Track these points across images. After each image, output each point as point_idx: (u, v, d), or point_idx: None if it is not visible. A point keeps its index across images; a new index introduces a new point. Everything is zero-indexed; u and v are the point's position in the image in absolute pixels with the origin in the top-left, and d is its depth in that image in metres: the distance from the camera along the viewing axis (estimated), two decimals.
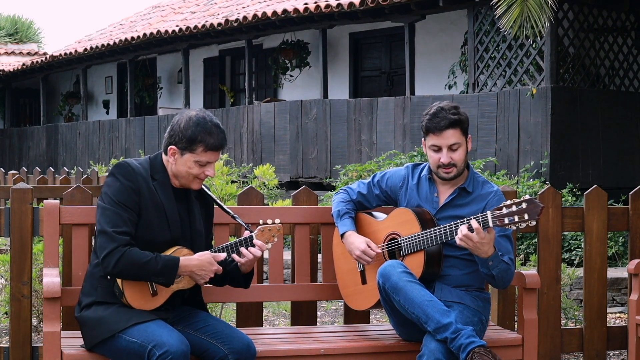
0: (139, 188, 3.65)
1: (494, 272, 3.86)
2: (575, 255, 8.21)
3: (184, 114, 3.73)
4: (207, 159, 3.69)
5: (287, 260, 7.00)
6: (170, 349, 3.46)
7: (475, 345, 3.66)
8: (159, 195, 3.68)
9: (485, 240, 3.75)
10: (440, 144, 4.00)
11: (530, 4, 7.22)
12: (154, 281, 3.61)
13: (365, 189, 4.27)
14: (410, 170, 4.21)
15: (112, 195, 3.63)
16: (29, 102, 22.94)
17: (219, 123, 3.73)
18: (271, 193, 10.56)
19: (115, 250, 3.56)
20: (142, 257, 3.57)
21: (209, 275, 3.67)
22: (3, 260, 5.83)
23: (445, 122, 3.97)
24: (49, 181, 10.47)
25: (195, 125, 3.66)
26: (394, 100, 11.78)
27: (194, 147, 3.66)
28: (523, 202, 3.70)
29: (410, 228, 4.01)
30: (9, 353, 4.37)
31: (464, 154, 4.03)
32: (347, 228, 4.17)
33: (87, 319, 3.65)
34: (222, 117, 14.54)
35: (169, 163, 3.73)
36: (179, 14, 18.12)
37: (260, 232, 3.78)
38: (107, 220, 3.60)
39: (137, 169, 3.69)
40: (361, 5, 11.57)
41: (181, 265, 3.62)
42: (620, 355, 5.75)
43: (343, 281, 4.32)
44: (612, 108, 10.60)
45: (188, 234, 3.75)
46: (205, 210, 3.89)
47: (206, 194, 3.88)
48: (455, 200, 4.06)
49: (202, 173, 3.71)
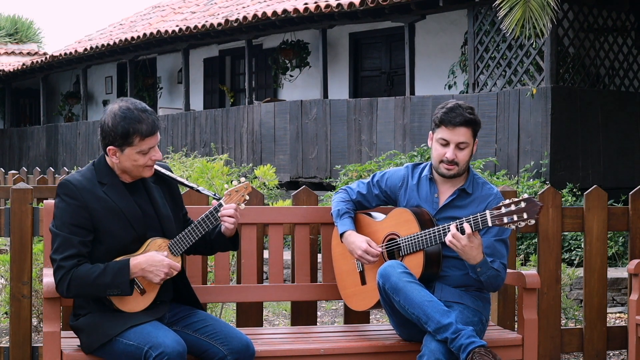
0: (85, 203, 3.58)
1: (482, 278, 3.87)
2: (575, 255, 8.21)
3: (107, 110, 3.64)
4: (148, 145, 3.62)
5: (287, 260, 7.00)
6: (166, 349, 3.45)
7: (476, 345, 3.65)
8: (112, 199, 3.62)
9: (474, 244, 3.75)
10: (450, 139, 4.00)
11: (532, 6, 7.22)
12: (111, 294, 3.56)
13: (364, 188, 4.27)
14: (410, 170, 4.21)
15: (60, 217, 3.60)
16: (29, 102, 22.93)
17: (145, 107, 3.65)
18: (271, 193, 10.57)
19: (63, 277, 3.54)
20: (91, 274, 3.53)
21: (161, 271, 3.58)
22: (3, 260, 5.83)
23: (461, 118, 3.98)
24: (49, 181, 10.47)
25: (122, 119, 3.58)
26: (394, 100, 11.78)
27: (130, 140, 3.59)
28: (522, 202, 3.70)
29: (409, 228, 4.00)
30: (9, 353, 4.37)
31: (469, 156, 4.04)
32: (346, 227, 4.17)
33: (83, 325, 3.64)
34: (222, 117, 14.55)
35: (114, 164, 3.67)
36: (179, 14, 18.12)
37: (228, 196, 3.72)
38: (56, 247, 3.58)
39: (79, 184, 3.61)
40: (361, 5, 11.57)
41: (132, 266, 3.56)
42: (620, 355, 5.75)
43: (342, 282, 4.31)
44: (612, 108, 10.60)
45: (156, 223, 3.70)
46: (169, 192, 3.83)
47: (164, 175, 3.82)
48: (455, 201, 4.06)
49: (149, 160, 3.65)
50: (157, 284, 3.64)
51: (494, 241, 3.93)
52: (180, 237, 3.69)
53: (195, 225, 3.70)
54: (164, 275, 3.60)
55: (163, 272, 3.59)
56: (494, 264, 3.90)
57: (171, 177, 3.84)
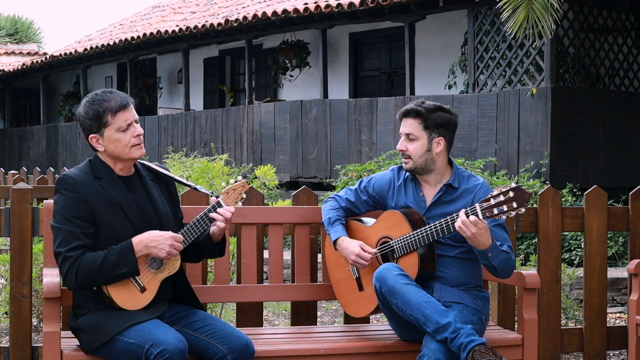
0: (84, 196, 3.60)
1: (495, 263, 3.86)
2: (575, 255, 8.21)
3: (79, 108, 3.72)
4: (123, 119, 3.64)
5: (287, 260, 7.01)
6: (167, 347, 3.45)
7: (476, 343, 3.66)
8: (109, 193, 3.64)
9: (482, 230, 3.75)
10: (401, 130, 4.12)
11: (535, 7, 7.22)
12: (119, 275, 3.55)
13: (352, 195, 4.27)
14: (395, 172, 4.22)
15: (61, 211, 3.61)
16: (29, 102, 22.93)
17: (112, 89, 3.71)
18: (271, 193, 10.57)
19: (70, 267, 3.55)
20: (97, 259, 3.54)
21: (165, 244, 3.57)
22: (3, 260, 5.83)
23: (405, 109, 4.09)
24: (49, 181, 10.47)
25: (91, 103, 3.65)
26: (394, 100, 11.77)
27: (103, 120, 3.63)
28: (510, 191, 3.70)
29: (401, 230, 4.00)
30: (9, 353, 4.37)
31: (422, 151, 4.04)
32: (339, 234, 4.16)
33: (83, 325, 3.64)
34: (222, 117, 14.55)
35: (104, 154, 3.69)
36: (179, 14, 18.12)
37: (225, 194, 3.71)
38: (59, 241, 3.59)
39: (77, 178, 3.64)
40: (361, 5, 11.57)
41: (135, 244, 3.57)
42: (620, 355, 5.75)
43: (340, 290, 4.29)
44: (612, 108, 10.60)
45: (154, 220, 3.70)
46: (167, 190, 3.84)
47: (162, 174, 3.83)
48: (443, 197, 4.06)
49: (131, 137, 3.65)
50: (164, 259, 3.62)
51: (492, 227, 3.91)
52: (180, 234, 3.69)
53: (194, 223, 3.69)
54: (168, 247, 3.58)
55: (167, 244, 3.58)
56: (502, 247, 3.90)
57: (169, 176, 3.84)
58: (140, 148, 3.70)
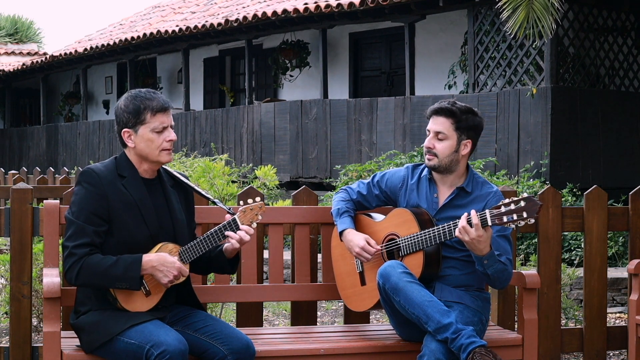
0: (105, 193, 3.61)
1: (489, 272, 3.86)
2: (575, 255, 8.21)
3: (119, 100, 3.74)
4: (160, 122, 3.65)
5: (287, 260, 7.00)
6: (168, 348, 3.45)
7: (476, 345, 3.66)
8: (130, 193, 3.64)
9: (482, 238, 3.76)
10: (430, 128, 4.08)
11: (535, 7, 7.22)
12: (118, 287, 3.56)
13: (365, 189, 4.27)
14: (410, 170, 4.22)
15: (78, 203, 3.61)
16: (29, 102, 22.94)
17: (155, 90, 3.74)
18: (271, 193, 10.57)
19: (74, 264, 3.55)
20: (103, 264, 3.54)
21: (171, 273, 3.58)
22: (3, 260, 5.83)
23: (438, 107, 4.05)
24: (49, 181, 10.48)
25: (133, 98, 3.66)
26: (394, 100, 11.78)
27: (142, 117, 3.64)
28: (521, 201, 3.70)
29: (409, 228, 4.01)
30: (9, 353, 4.37)
31: (450, 150, 4.03)
32: (346, 226, 4.17)
33: (84, 324, 3.64)
34: (222, 117, 14.55)
35: (132, 151, 3.70)
36: (179, 14, 18.12)
37: (242, 213, 3.71)
38: (69, 234, 3.59)
39: (101, 173, 3.64)
40: (361, 5, 11.57)
41: (144, 262, 3.56)
42: (620, 355, 5.75)
43: (342, 283, 4.31)
44: (612, 108, 10.60)
45: (169, 226, 3.71)
46: (185, 199, 3.85)
47: (183, 182, 3.84)
48: (455, 201, 4.06)
49: (164, 141, 3.67)
50: (164, 286, 3.64)
51: (496, 237, 3.93)
52: (191, 245, 3.68)
53: (207, 236, 3.68)
54: (172, 277, 3.60)
55: (172, 274, 3.59)
56: (500, 258, 3.90)
57: (189, 186, 3.86)
58: (170, 154, 3.71)
